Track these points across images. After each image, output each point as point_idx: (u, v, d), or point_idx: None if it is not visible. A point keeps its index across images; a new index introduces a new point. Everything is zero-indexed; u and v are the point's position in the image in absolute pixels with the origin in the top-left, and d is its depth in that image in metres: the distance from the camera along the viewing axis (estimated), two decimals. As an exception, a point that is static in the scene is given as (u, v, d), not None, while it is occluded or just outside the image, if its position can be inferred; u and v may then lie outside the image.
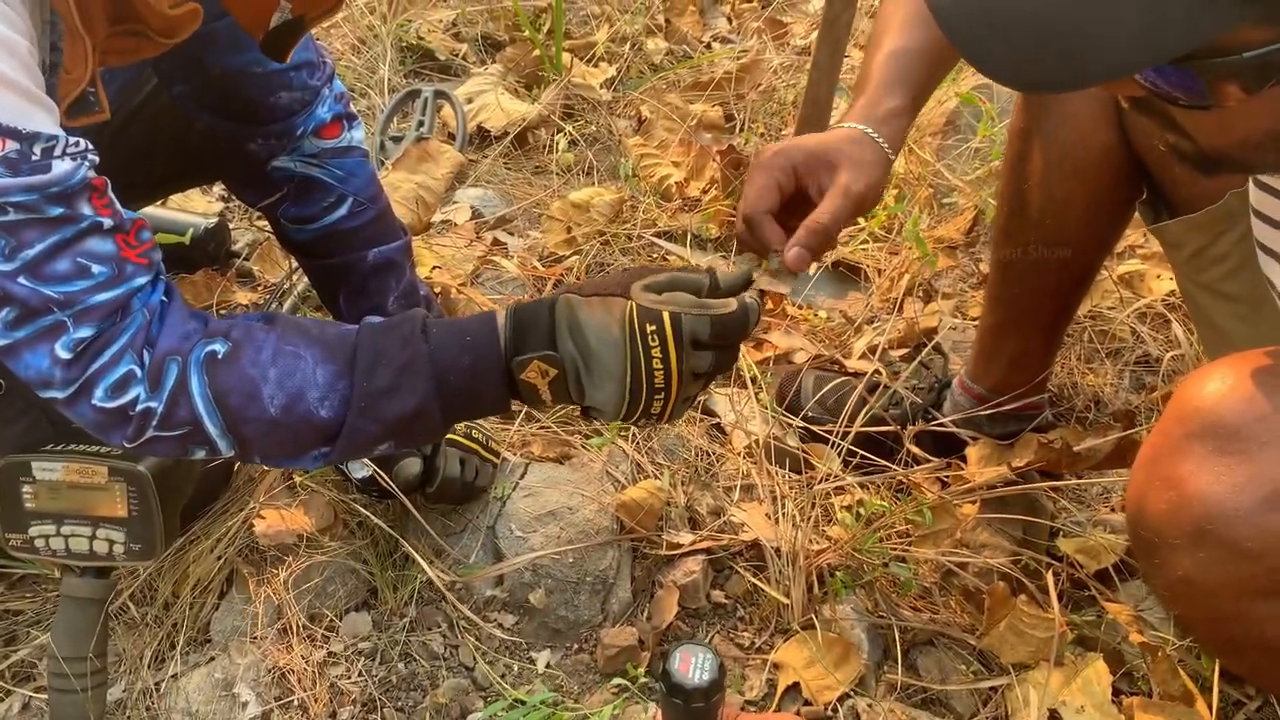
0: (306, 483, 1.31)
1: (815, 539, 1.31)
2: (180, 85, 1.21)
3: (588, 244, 1.82)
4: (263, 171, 1.27)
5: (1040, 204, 1.23)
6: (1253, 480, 0.77)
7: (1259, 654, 0.83)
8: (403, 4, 2.42)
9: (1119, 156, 1.17)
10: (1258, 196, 0.97)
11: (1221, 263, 1.12)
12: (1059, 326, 1.37)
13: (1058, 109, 1.18)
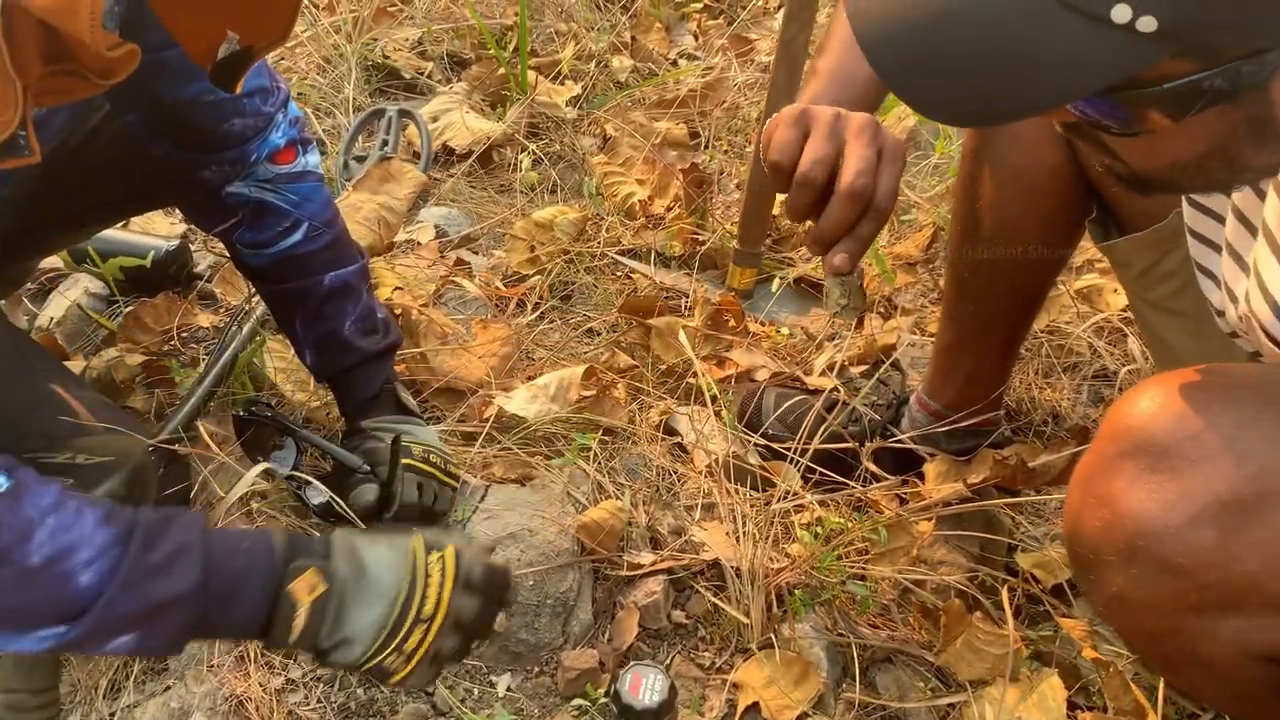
0: (264, 509, 1.30)
1: (775, 557, 1.32)
2: (132, 114, 1.20)
3: (551, 263, 1.82)
4: (217, 197, 1.27)
5: (992, 223, 1.24)
6: (1183, 497, 0.78)
7: (1195, 669, 0.85)
8: (368, 23, 2.42)
9: (1068, 175, 1.19)
10: (1192, 215, 0.99)
11: (1169, 280, 1.14)
12: (1014, 343, 1.38)
13: (1007, 129, 1.20)
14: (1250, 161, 0.75)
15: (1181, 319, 1.14)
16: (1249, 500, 0.77)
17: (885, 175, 0.89)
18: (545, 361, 1.64)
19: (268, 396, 1.48)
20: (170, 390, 1.51)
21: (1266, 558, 0.77)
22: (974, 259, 1.28)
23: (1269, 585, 0.77)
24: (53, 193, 1.20)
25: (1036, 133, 1.17)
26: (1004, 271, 1.27)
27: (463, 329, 1.62)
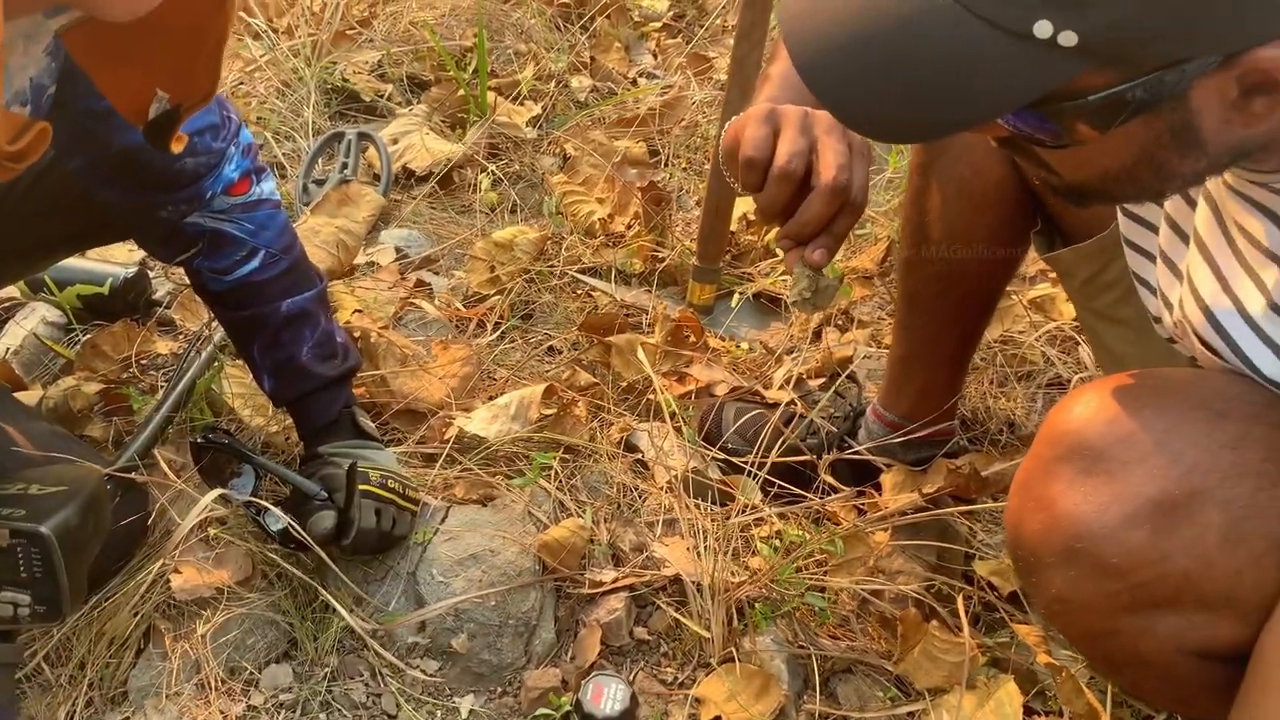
0: (222, 535, 1.30)
1: (735, 571, 1.33)
2: (78, 159, 1.19)
3: (512, 283, 1.83)
4: (175, 231, 1.27)
5: (941, 236, 1.27)
6: (1116, 499, 0.80)
7: (1135, 668, 0.86)
8: (327, 46, 2.42)
9: (1013, 188, 1.21)
10: (1127, 226, 1.01)
11: (1111, 289, 1.17)
12: (965, 354, 1.41)
13: (953, 144, 1.22)
14: (1177, 169, 0.77)
15: (1125, 327, 1.17)
16: (1179, 500, 0.79)
17: (858, 170, 0.91)
18: (506, 381, 1.65)
19: (226, 422, 1.48)
20: (129, 418, 1.50)
21: (1197, 556, 0.79)
22: (924, 272, 1.30)
23: (1200, 582, 0.79)
24: (6, 229, 1.20)
25: (981, 147, 1.19)
26: (953, 284, 1.29)
27: (423, 350, 1.62)
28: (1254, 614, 0.80)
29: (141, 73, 0.99)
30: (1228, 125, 0.73)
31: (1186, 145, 0.75)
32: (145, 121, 1.01)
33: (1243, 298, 0.85)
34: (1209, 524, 0.78)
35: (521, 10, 2.65)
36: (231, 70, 2.40)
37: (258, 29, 2.47)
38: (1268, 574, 0.79)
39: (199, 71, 1.00)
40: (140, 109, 1.00)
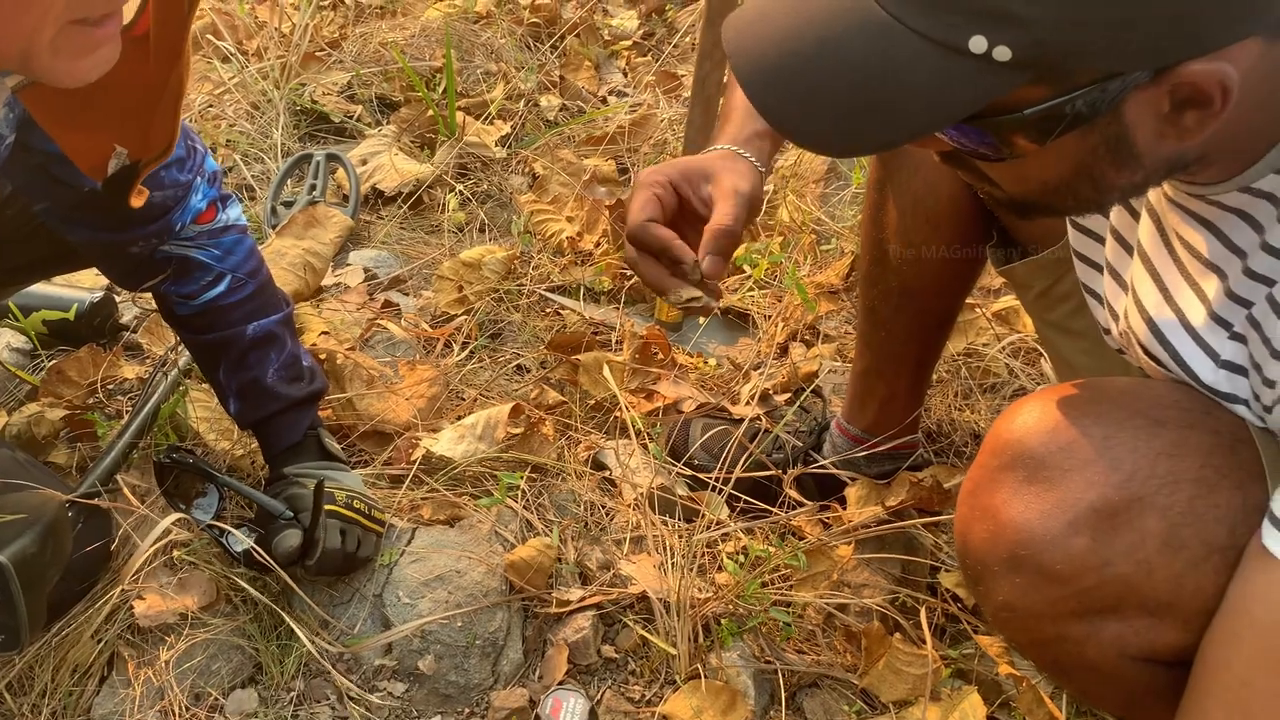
0: (186, 558, 1.30)
1: (702, 588, 1.34)
2: (44, 203, 1.19)
3: (480, 302, 1.84)
4: (142, 261, 1.27)
5: (898, 252, 1.28)
6: (1057, 506, 0.81)
7: (1083, 674, 0.87)
8: (296, 68, 2.42)
9: (967, 204, 1.22)
10: (1076, 238, 1.03)
11: (1065, 301, 1.18)
12: (926, 368, 1.42)
13: (908, 161, 1.23)
14: (1114, 181, 0.78)
15: (1080, 338, 1.18)
16: (1118, 507, 0.80)
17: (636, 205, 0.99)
18: (475, 400, 1.65)
19: (192, 446, 1.47)
20: (94, 444, 1.50)
21: (1137, 561, 0.80)
22: (883, 287, 1.32)
23: (1141, 588, 0.81)
24: None
25: (935, 163, 1.20)
26: (912, 298, 1.31)
27: (390, 371, 1.63)
28: (1195, 619, 0.81)
29: (98, 130, 1.00)
30: (1161, 139, 0.74)
31: (1122, 158, 0.76)
32: (104, 177, 1.02)
33: (1184, 308, 0.87)
34: (1148, 530, 0.80)
35: (491, 30, 2.66)
36: (200, 93, 2.41)
37: (226, 52, 2.47)
38: (1206, 579, 0.80)
39: (156, 126, 1.01)
40: (99, 164, 1.00)
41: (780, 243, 1.93)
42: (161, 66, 0.99)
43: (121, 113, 1.02)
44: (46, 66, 0.83)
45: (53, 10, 0.78)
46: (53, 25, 0.79)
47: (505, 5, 2.85)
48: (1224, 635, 0.80)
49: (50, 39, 0.79)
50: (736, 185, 0.99)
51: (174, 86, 1.02)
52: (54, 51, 0.81)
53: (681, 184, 1.01)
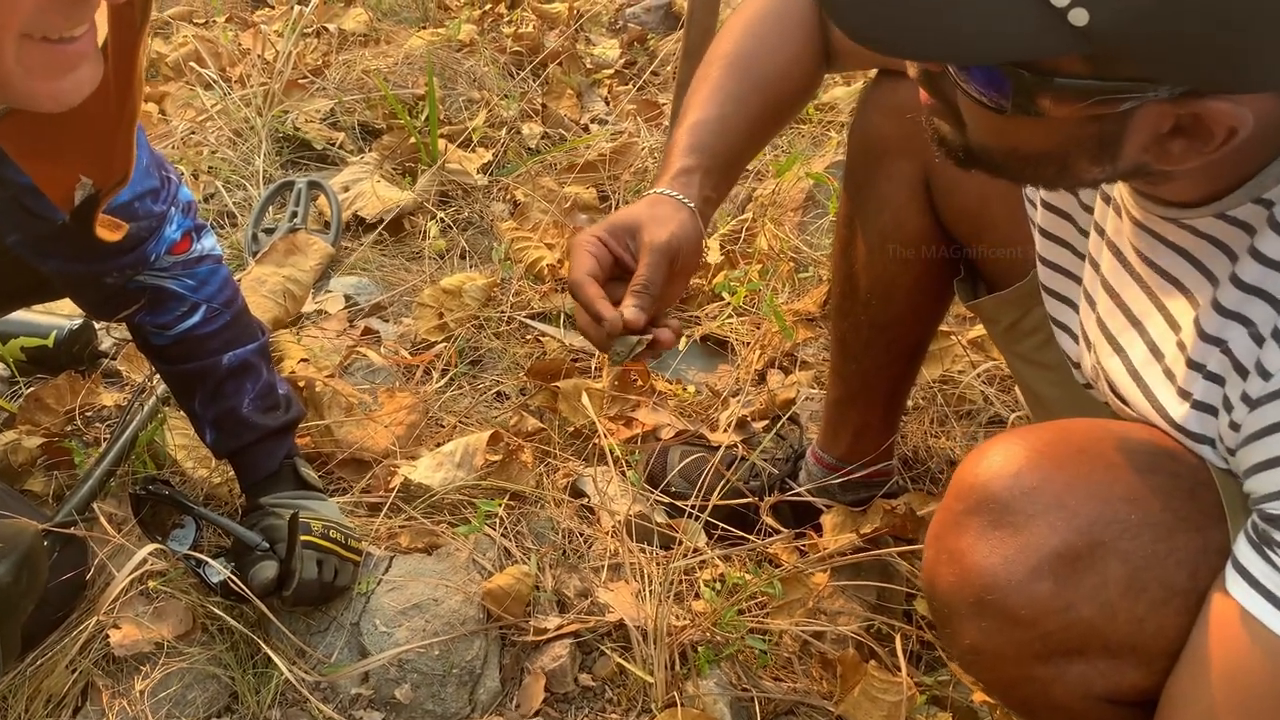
0: (162, 588, 1.29)
1: (679, 615, 1.34)
2: (15, 235, 1.19)
3: (460, 329, 1.84)
4: (116, 291, 1.28)
5: (867, 285, 1.30)
6: (1021, 551, 0.82)
7: (1051, 713, 0.88)
8: (279, 95, 2.44)
9: (934, 238, 1.24)
10: (1046, 274, 1.05)
11: (1033, 334, 1.20)
12: (898, 397, 1.43)
13: (875, 196, 1.25)
14: (1080, 174, 0.79)
15: (1049, 370, 1.20)
16: (1081, 551, 0.81)
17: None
18: (454, 428, 1.65)
19: (169, 474, 1.47)
20: (71, 472, 1.49)
21: (1100, 605, 0.81)
22: (853, 319, 1.33)
23: (1105, 631, 0.82)
24: None
25: (903, 199, 1.23)
26: (882, 330, 1.32)
27: (369, 399, 1.63)
28: (1158, 660, 0.82)
29: (67, 160, 1.01)
30: (1144, 152, 0.75)
31: (1102, 156, 0.77)
32: (72, 207, 1.03)
33: (1157, 341, 0.88)
34: (1110, 574, 0.81)
35: (474, 58, 2.69)
36: (183, 120, 2.42)
37: (209, 79, 2.49)
38: (1168, 621, 0.81)
39: (116, 154, 1.02)
40: (67, 195, 1.01)
41: (759, 270, 1.95)
42: (118, 94, 1.00)
43: (87, 142, 1.03)
44: (25, 90, 0.83)
45: (9, 27, 0.79)
46: (10, 42, 0.80)
47: (488, 34, 2.88)
48: (1188, 678, 0.81)
49: (14, 56, 0.80)
50: (655, 237, 1.00)
51: (129, 114, 1.03)
52: (26, 71, 0.82)
53: (610, 241, 1.02)
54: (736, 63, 1.13)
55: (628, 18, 3.09)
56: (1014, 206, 1.13)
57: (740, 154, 1.13)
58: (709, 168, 1.07)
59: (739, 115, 1.10)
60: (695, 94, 1.12)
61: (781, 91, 1.15)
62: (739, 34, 1.15)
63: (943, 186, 1.21)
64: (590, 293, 0.99)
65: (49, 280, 1.33)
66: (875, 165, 1.23)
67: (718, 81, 1.12)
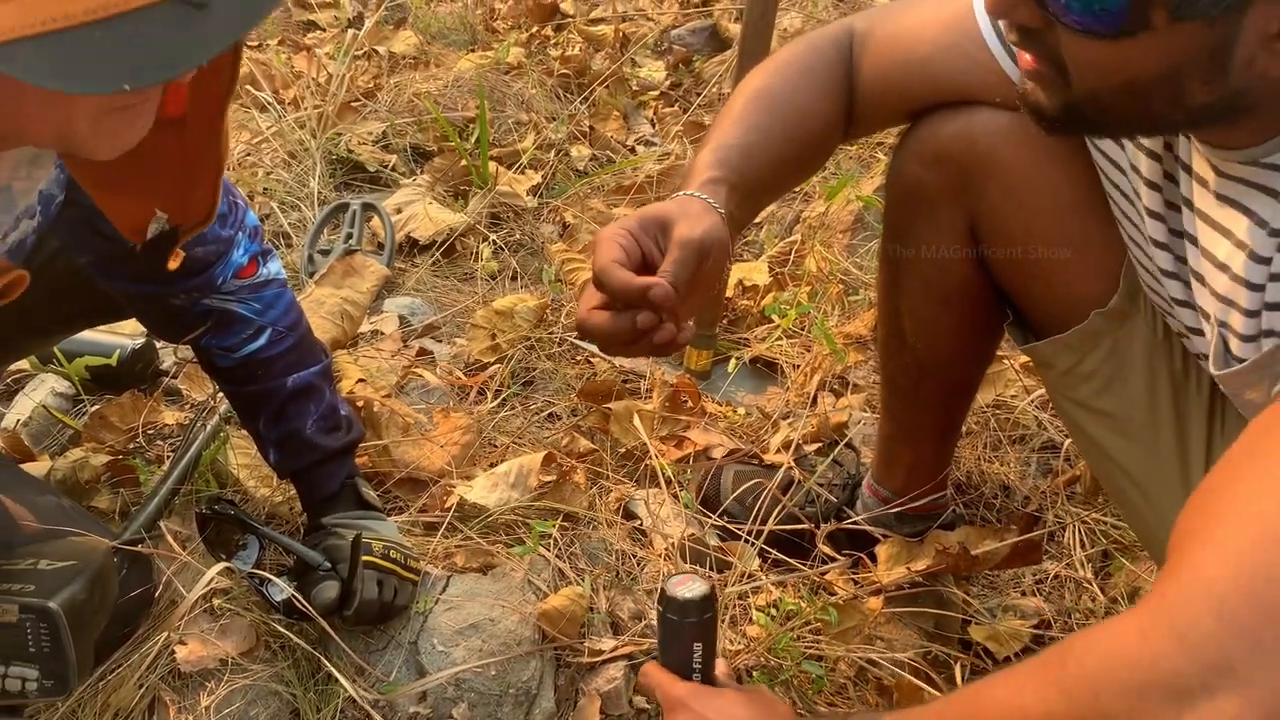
0: (226, 606, 1.32)
1: (733, 639, 1.35)
2: (88, 255, 1.23)
3: (512, 350, 1.87)
4: (183, 313, 1.31)
5: (912, 328, 1.28)
6: None
7: None
8: (332, 118, 2.48)
9: (977, 285, 1.22)
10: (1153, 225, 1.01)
11: (1091, 380, 1.17)
12: (949, 434, 1.42)
13: (915, 243, 1.22)
14: (1191, 100, 0.79)
15: (1105, 417, 1.17)
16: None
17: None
18: (506, 448, 1.67)
19: (231, 493, 1.50)
20: (135, 489, 1.53)
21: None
22: (900, 361, 1.32)
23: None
24: (18, 312, 1.24)
25: (945, 247, 1.20)
26: (929, 374, 1.31)
27: (424, 419, 1.65)
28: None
29: (139, 195, 1.04)
30: (1250, 64, 0.75)
31: (1213, 71, 0.76)
32: (144, 240, 1.05)
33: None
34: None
35: (522, 81, 2.72)
36: (239, 142, 2.47)
37: (264, 101, 2.53)
38: None
39: (197, 195, 1.05)
40: (139, 227, 1.04)
41: (808, 292, 1.95)
42: (199, 145, 1.03)
43: (159, 183, 1.05)
44: (84, 146, 0.87)
45: (82, 106, 0.82)
46: (86, 116, 0.83)
47: (535, 57, 2.92)
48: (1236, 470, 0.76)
49: (89, 126, 0.84)
50: (687, 232, 0.95)
51: (213, 162, 1.06)
52: (94, 134, 0.86)
53: (640, 234, 0.97)
54: (761, 99, 1.12)
55: (673, 40, 3.11)
56: (1064, 246, 1.12)
57: (762, 186, 1.11)
58: (734, 184, 1.04)
59: (762, 147, 1.09)
60: (718, 124, 1.12)
61: (803, 132, 1.14)
62: (767, 74, 1.16)
63: (988, 228, 1.18)
64: (619, 275, 0.92)
65: (117, 302, 1.37)
66: (914, 214, 1.22)
67: (742, 112, 1.11)
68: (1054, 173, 1.11)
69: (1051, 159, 1.11)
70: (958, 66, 1.11)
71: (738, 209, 1.04)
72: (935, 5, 1.14)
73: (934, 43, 1.12)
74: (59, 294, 1.34)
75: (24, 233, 1.09)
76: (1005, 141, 1.11)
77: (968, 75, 1.10)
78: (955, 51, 1.10)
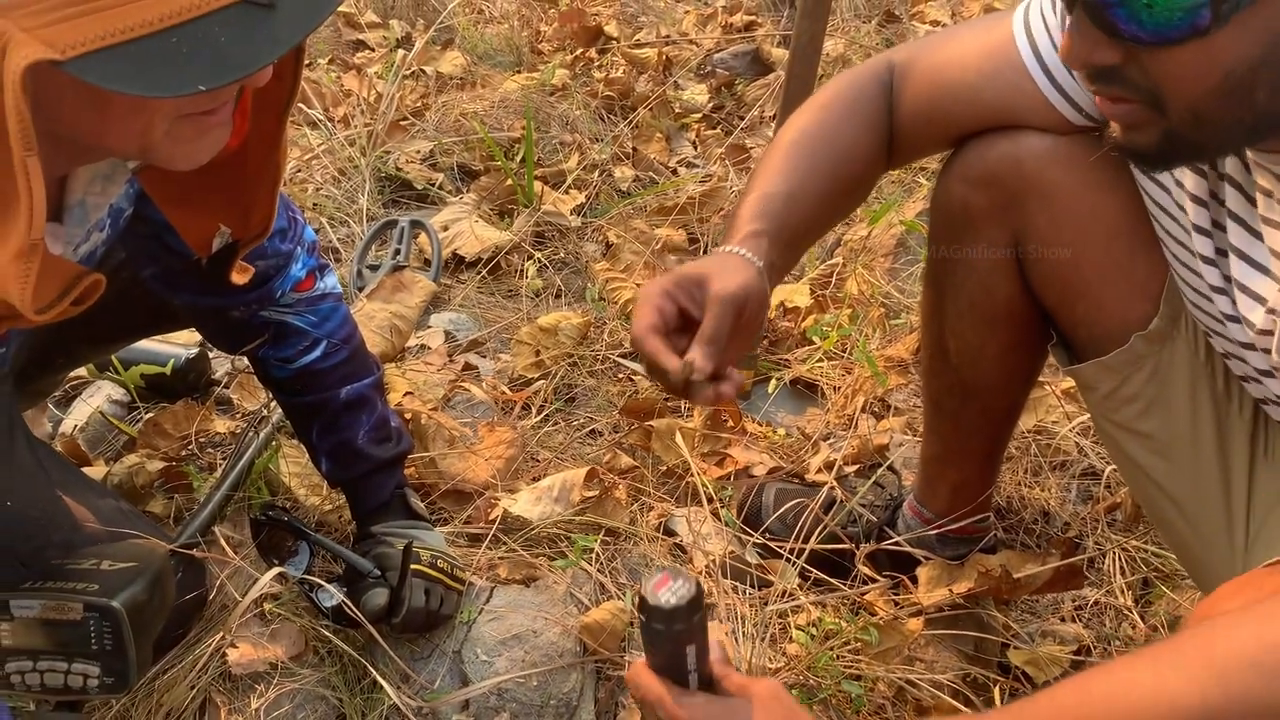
0: (276, 610, 1.35)
1: (773, 657, 1.36)
2: (152, 268, 1.26)
3: (555, 366, 1.89)
4: (242, 325, 1.34)
5: (956, 349, 1.29)
6: None
7: None
8: (381, 136, 2.53)
9: (1021, 306, 1.22)
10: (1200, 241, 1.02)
11: (1133, 402, 1.17)
12: (994, 456, 1.42)
13: (961, 264, 1.23)
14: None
15: (1147, 439, 1.17)
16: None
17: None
18: (549, 463, 1.70)
19: (282, 500, 1.54)
20: (188, 495, 1.56)
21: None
22: (944, 382, 1.33)
23: None
24: (82, 321, 1.28)
25: (989, 264, 1.21)
26: (973, 395, 1.31)
27: (470, 432, 1.68)
28: None
29: (207, 209, 1.08)
30: None
31: None
32: (209, 253, 1.09)
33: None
34: None
35: (568, 102, 2.76)
36: (290, 158, 2.52)
37: (315, 118, 2.59)
38: None
39: (257, 208, 1.09)
40: (205, 241, 1.08)
41: (849, 315, 1.97)
42: (259, 156, 1.07)
43: (225, 195, 1.09)
44: (164, 155, 0.90)
45: (161, 111, 0.85)
46: (164, 122, 0.86)
47: (580, 78, 2.96)
48: None
49: (165, 132, 0.87)
50: (723, 287, 0.98)
51: (272, 172, 1.09)
52: (170, 141, 0.89)
53: (677, 293, 1.00)
54: (804, 141, 1.15)
55: (716, 63, 3.15)
56: (1108, 269, 1.13)
57: (806, 230, 1.14)
58: (775, 235, 1.07)
59: (805, 191, 1.11)
60: (762, 169, 1.14)
61: (847, 174, 1.16)
62: (810, 115, 1.18)
63: (1033, 254, 1.18)
64: (650, 346, 0.97)
65: (176, 312, 1.41)
66: (960, 234, 1.22)
67: (785, 157, 1.13)
68: (1099, 196, 1.12)
69: (1097, 182, 1.12)
70: (1001, 93, 1.13)
71: (780, 257, 1.08)
72: (974, 35, 1.16)
73: (977, 70, 1.14)
74: (121, 304, 1.38)
75: (94, 244, 1.13)
76: (1051, 164, 1.13)
77: (1012, 101, 1.12)
78: (999, 79, 1.12)
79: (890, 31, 3.47)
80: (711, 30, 3.44)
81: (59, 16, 0.74)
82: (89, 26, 0.74)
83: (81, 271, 0.91)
